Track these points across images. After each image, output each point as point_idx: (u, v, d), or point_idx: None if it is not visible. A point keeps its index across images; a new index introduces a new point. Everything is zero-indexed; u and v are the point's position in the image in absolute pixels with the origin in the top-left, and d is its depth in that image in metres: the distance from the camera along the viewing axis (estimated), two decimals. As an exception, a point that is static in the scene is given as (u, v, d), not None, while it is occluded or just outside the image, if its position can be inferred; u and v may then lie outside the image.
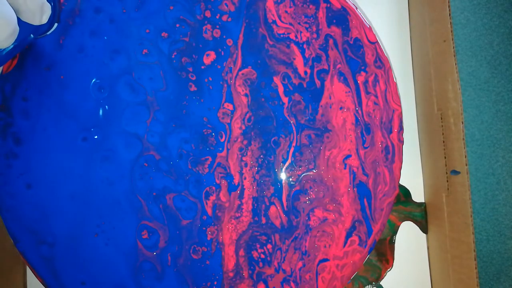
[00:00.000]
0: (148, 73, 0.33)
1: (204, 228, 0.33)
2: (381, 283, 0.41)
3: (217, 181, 0.34)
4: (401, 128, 0.35)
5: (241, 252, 0.34)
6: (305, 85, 0.35)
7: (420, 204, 0.42)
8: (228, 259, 0.34)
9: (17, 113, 0.32)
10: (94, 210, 0.33)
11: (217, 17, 0.34)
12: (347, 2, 0.35)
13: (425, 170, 0.42)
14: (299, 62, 0.35)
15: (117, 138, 0.33)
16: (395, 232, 0.42)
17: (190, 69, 0.34)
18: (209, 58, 0.34)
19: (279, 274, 0.34)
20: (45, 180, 0.33)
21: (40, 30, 0.30)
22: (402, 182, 0.42)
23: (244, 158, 0.34)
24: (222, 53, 0.34)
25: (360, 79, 0.35)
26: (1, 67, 0.33)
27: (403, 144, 0.35)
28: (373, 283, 0.41)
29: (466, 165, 0.35)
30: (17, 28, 0.27)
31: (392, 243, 0.41)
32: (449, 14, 0.36)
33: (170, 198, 0.33)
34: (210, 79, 0.34)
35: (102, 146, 0.33)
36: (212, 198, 0.34)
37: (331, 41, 0.35)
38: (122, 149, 0.33)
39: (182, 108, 0.34)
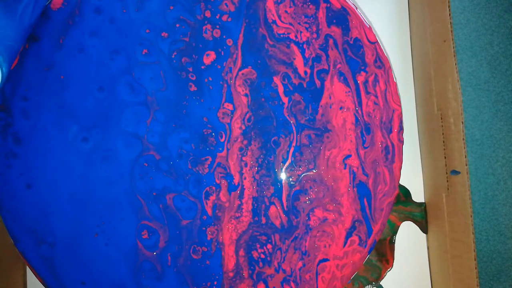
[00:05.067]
0: (148, 73, 0.33)
1: (204, 228, 0.33)
2: (381, 283, 0.41)
3: (217, 181, 0.34)
4: (401, 128, 0.35)
5: (241, 252, 0.34)
6: (305, 85, 0.35)
7: (420, 204, 0.42)
8: (228, 259, 0.34)
9: (17, 113, 0.32)
10: (94, 210, 0.33)
11: (217, 17, 0.34)
12: (347, 2, 0.35)
13: (425, 170, 0.42)
14: (299, 62, 0.35)
15: (117, 138, 0.33)
16: (395, 232, 0.42)
17: (190, 69, 0.34)
18: (209, 58, 0.34)
19: (279, 274, 0.34)
20: (45, 180, 0.33)
21: None
22: (402, 182, 0.42)
23: (244, 158, 0.34)
24: (222, 53, 0.34)
25: (360, 79, 0.35)
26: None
27: (403, 144, 0.35)
28: (373, 283, 0.41)
29: (466, 165, 0.35)
30: None
31: (392, 243, 0.41)
32: (449, 14, 0.36)
33: (170, 198, 0.33)
34: (210, 79, 0.34)
35: (102, 146, 0.33)
36: (212, 198, 0.34)
37: (331, 41, 0.35)
38: (122, 149, 0.33)
39: (182, 108, 0.34)
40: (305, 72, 0.35)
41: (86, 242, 0.33)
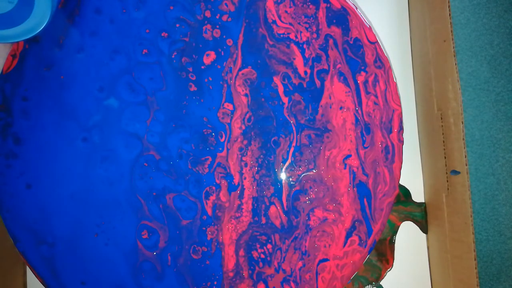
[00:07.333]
0: (148, 73, 0.33)
1: (204, 228, 0.33)
2: (381, 283, 0.41)
3: (217, 181, 0.34)
4: (401, 128, 0.35)
5: (241, 252, 0.34)
6: (305, 85, 0.35)
7: (420, 204, 0.42)
8: (228, 259, 0.34)
9: (17, 113, 0.32)
10: (94, 210, 0.33)
11: (217, 17, 0.34)
12: (347, 2, 0.35)
13: (425, 170, 0.42)
14: (299, 62, 0.35)
15: (117, 138, 0.33)
16: (395, 232, 0.42)
17: (190, 69, 0.34)
18: (209, 58, 0.34)
19: (279, 274, 0.34)
20: (45, 180, 0.33)
21: None
22: (402, 182, 0.42)
23: (244, 158, 0.34)
24: (222, 53, 0.34)
25: (360, 79, 0.35)
26: (1, 67, 0.33)
27: (403, 144, 0.35)
28: (373, 283, 0.41)
29: (466, 165, 0.35)
30: None
31: (392, 243, 0.41)
32: (449, 14, 0.36)
33: (170, 198, 0.33)
34: (210, 79, 0.34)
35: (102, 146, 0.33)
36: (212, 198, 0.34)
37: (331, 41, 0.35)
38: (122, 149, 0.33)
39: (182, 108, 0.34)
40: (305, 72, 0.35)
41: (86, 242, 0.33)
